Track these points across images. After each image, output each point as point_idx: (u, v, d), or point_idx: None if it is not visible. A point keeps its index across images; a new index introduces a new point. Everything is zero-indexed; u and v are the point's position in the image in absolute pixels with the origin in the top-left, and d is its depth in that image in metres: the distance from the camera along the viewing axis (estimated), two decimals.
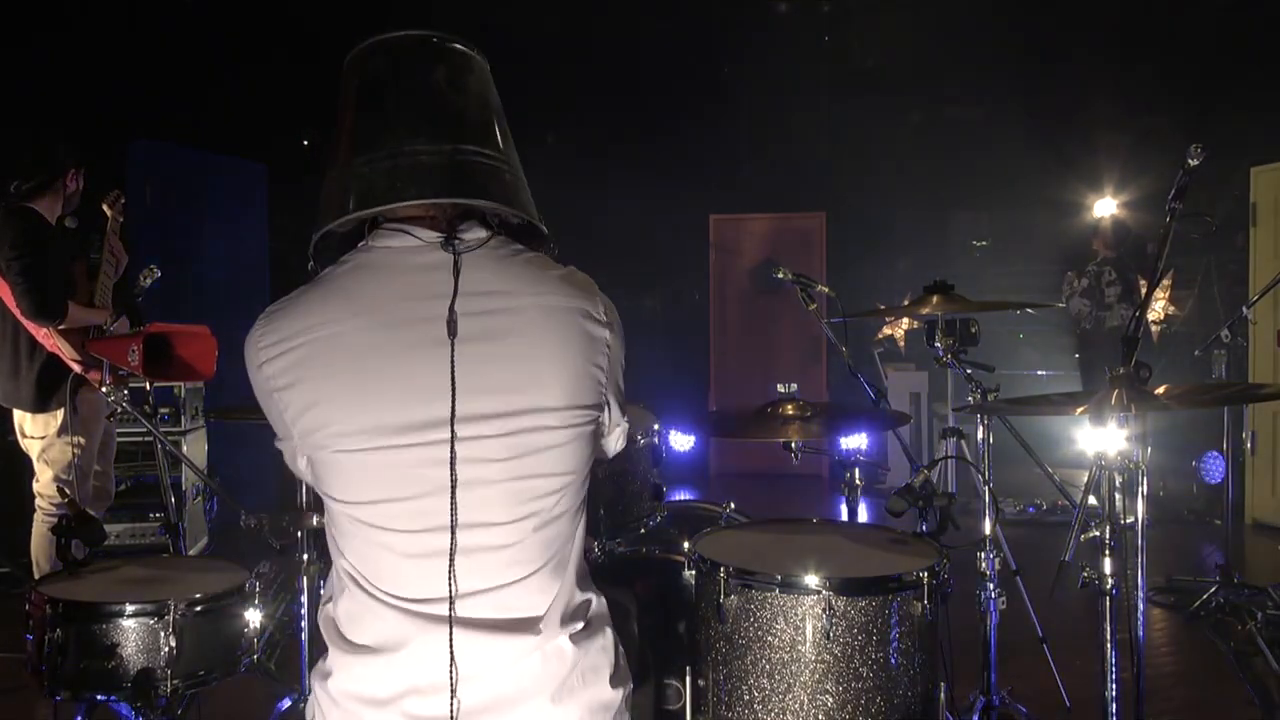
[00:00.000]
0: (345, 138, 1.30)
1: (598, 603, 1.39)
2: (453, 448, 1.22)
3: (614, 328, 1.35)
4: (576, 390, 1.30)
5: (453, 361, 1.22)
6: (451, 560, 1.23)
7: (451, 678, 1.24)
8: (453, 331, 1.23)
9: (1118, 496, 1.82)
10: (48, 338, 3.64)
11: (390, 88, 1.29)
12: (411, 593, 1.26)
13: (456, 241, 1.28)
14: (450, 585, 1.24)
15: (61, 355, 3.65)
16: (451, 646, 1.24)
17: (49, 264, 3.62)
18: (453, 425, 1.22)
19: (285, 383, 1.26)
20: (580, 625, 1.33)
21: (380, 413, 1.23)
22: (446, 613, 1.24)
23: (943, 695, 1.91)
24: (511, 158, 1.34)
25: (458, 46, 1.33)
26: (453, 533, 1.23)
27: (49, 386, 3.70)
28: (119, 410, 2.73)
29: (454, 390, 1.22)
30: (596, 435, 1.37)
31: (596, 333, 1.33)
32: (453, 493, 1.23)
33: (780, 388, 2.44)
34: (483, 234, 1.31)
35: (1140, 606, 1.87)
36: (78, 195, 3.90)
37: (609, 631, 1.39)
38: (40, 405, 3.71)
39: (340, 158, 1.30)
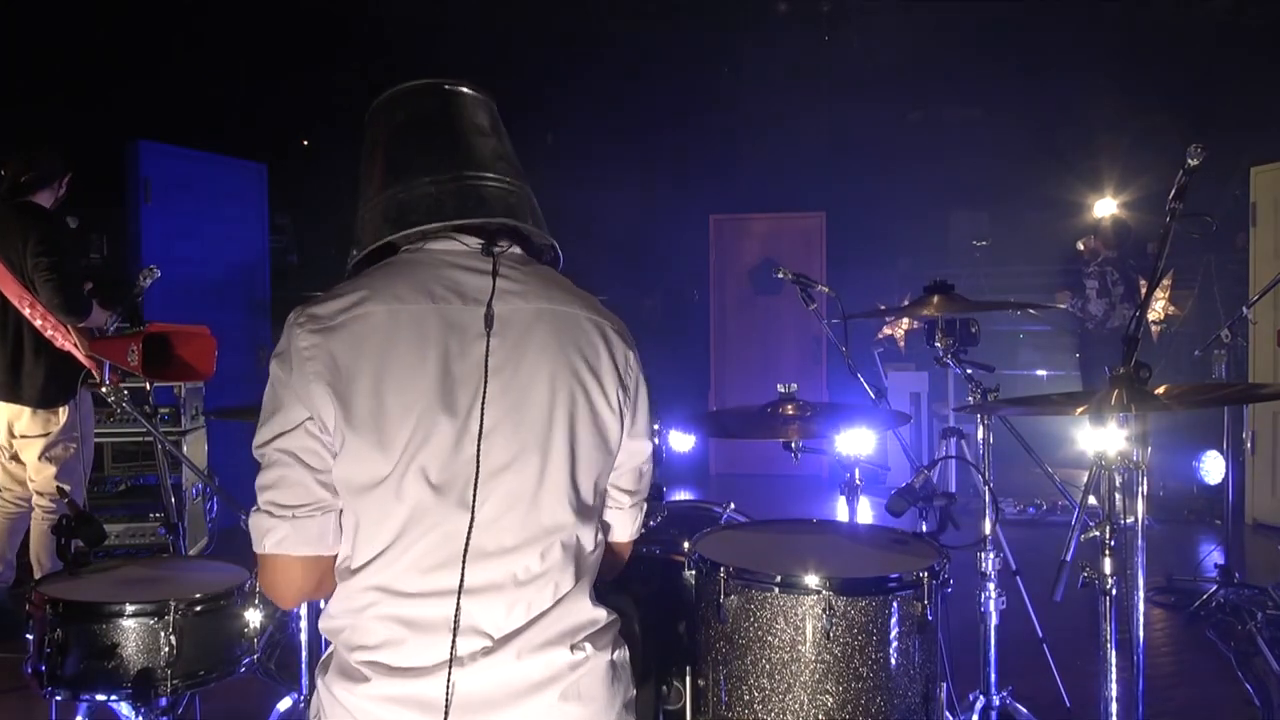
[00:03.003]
0: (378, 173, 1.39)
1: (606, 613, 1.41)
2: (480, 435, 1.28)
3: (634, 347, 1.45)
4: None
5: (487, 352, 1.30)
6: (466, 546, 1.27)
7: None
8: (489, 324, 1.30)
9: (1118, 496, 1.82)
10: (58, 335, 3.62)
11: (417, 128, 1.40)
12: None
13: (496, 249, 1.38)
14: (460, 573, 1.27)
15: (77, 354, 3.62)
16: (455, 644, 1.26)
17: (73, 262, 3.62)
18: (482, 413, 1.28)
19: (312, 355, 1.27)
20: (585, 634, 1.35)
21: (408, 393, 1.27)
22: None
23: (943, 695, 1.91)
24: (528, 188, 1.45)
25: (467, 91, 1.43)
26: (471, 518, 1.27)
27: (57, 384, 3.68)
28: (119, 410, 2.73)
29: (485, 379, 1.29)
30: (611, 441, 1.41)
31: (623, 349, 1.42)
32: (475, 480, 1.27)
33: (780, 388, 2.45)
34: (516, 249, 1.42)
35: (1140, 606, 1.86)
36: (64, 199, 3.90)
37: (613, 643, 1.40)
38: (46, 402, 3.69)
39: (374, 189, 1.38)
